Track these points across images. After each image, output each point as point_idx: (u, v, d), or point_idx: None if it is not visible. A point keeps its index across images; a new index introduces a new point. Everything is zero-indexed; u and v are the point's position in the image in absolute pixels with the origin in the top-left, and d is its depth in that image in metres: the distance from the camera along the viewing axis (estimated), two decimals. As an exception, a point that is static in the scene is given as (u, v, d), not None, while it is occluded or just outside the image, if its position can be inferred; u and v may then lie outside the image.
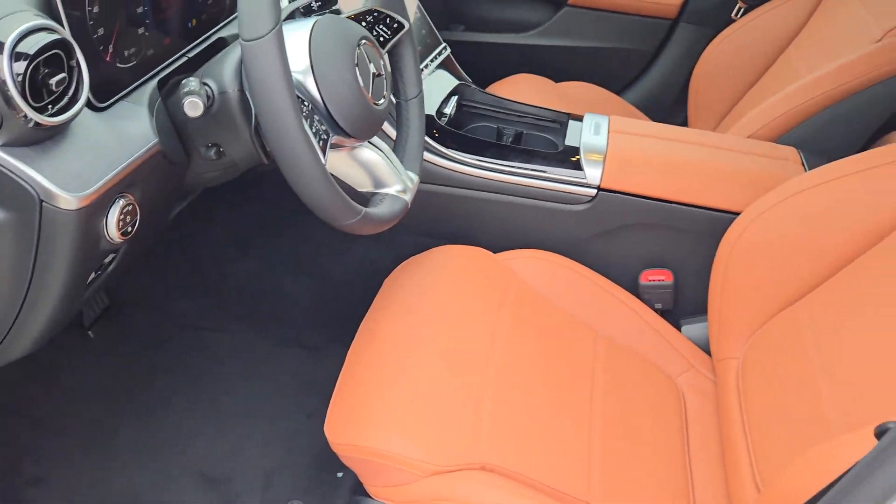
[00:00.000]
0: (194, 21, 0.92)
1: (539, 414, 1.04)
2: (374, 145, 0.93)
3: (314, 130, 0.77)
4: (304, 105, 0.78)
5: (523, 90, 1.76)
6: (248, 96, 0.79)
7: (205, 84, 0.82)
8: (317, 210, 0.77)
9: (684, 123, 2.06)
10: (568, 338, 1.19)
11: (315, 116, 0.79)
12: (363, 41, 0.86)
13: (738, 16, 1.92)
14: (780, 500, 0.81)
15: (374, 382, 1.02)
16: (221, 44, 0.96)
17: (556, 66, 2.05)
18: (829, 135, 1.33)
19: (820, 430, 0.88)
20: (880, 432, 0.65)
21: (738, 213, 1.19)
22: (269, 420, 1.33)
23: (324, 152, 0.77)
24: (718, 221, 1.23)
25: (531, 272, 1.29)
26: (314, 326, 1.50)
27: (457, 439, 0.96)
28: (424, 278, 1.21)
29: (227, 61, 0.83)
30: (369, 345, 1.10)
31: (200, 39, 0.93)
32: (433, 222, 1.34)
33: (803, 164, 1.26)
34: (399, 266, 1.29)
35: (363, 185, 0.94)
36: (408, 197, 0.96)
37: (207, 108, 0.81)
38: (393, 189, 0.95)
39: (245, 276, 1.51)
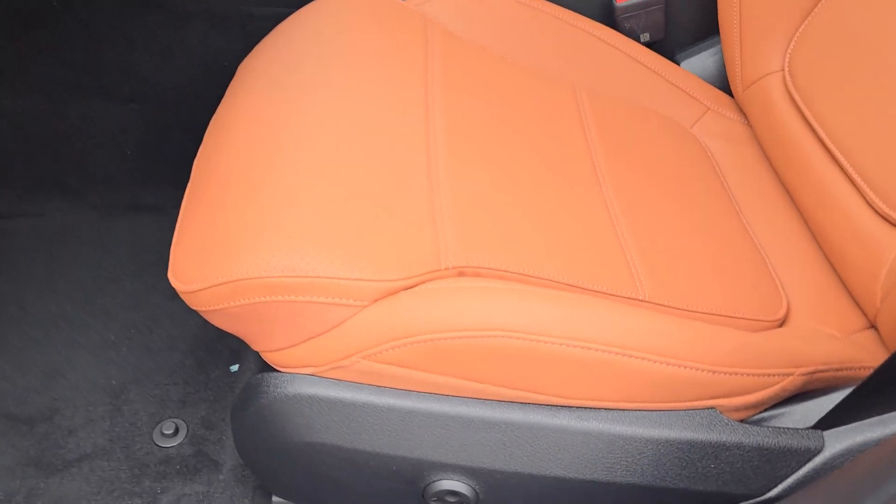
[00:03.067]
0: None
1: (532, 195, 0.64)
2: None
3: None
4: None
5: None
6: None
7: None
8: None
9: None
10: (532, 94, 0.78)
11: None
12: None
13: None
14: None
15: (248, 183, 0.58)
16: None
17: None
18: None
19: None
20: None
21: None
22: (106, 314, 0.86)
23: None
24: None
25: (457, 17, 0.86)
26: (151, 178, 1.01)
27: (407, 242, 0.55)
28: (302, 40, 0.76)
29: None
30: (231, 132, 0.65)
31: None
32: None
33: None
34: (260, 43, 0.83)
35: None
36: None
37: None
38: None
39: (30, 112, 0.99)
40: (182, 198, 0.99)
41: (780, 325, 0.67)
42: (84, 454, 0.72)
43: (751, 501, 0.57)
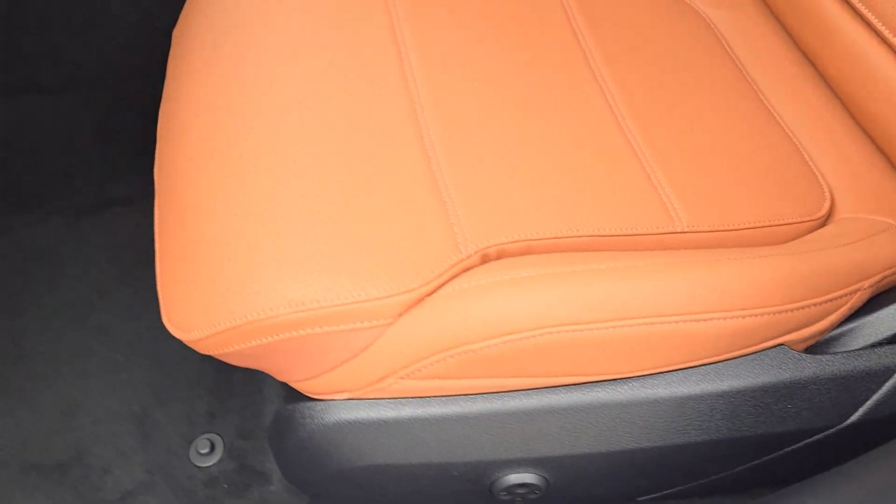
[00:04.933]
0: None
1: (539, 138, 0.56)
2: None
3: None
4: None
5: None
6: None
7: None
8: None
9: None
10: (507, 6, 0.68)
11: None
12: None
13: None
14: None
15: (224, 204, 0.51)
16: None
17: None
18: None
19: None
20: None
21: None
22: (105, 333, 0.80)
23: None
24: None
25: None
26: (110, 169, 0.92)
27: (419, 236, 0.48)
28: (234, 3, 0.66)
29: None
30: (186, 132, 0.56)
31: None
32: None
33: None
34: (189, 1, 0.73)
35: None
36: None
37: None
38: None
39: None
40: (143, 182, 0.90)
41: (825, 222, 0.62)
42: (126, 491, 0.69)
43: (828, 432, 0.54)
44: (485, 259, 0.50)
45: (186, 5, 0.74)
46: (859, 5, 0.63)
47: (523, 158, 0.55)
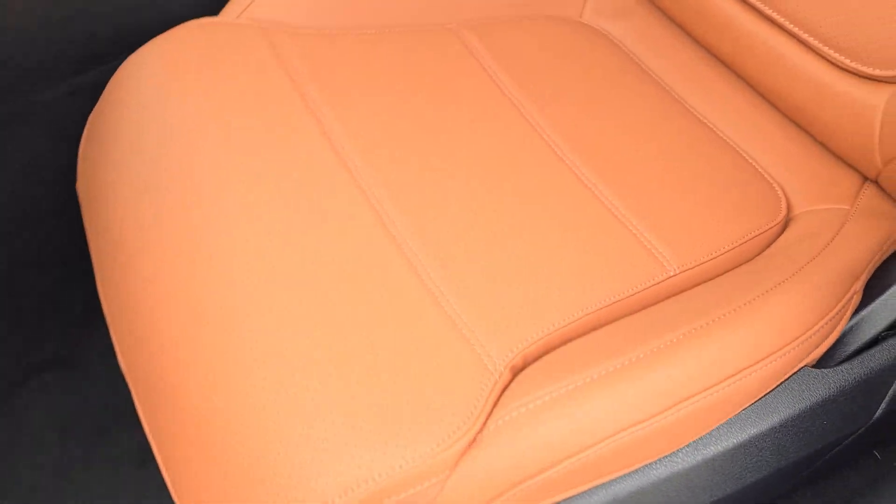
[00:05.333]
0: None
1: (517, 224, 0.55)
2: None
3: None
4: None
5: None
6: None
7: None
8: None
9: None
10: (430, 77, 0.67)
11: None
12: None
13: None
14: None
15: (230, 388, 0.46)
16: None
17: None
18: None
19: None
20: None
21: None
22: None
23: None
24: None
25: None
26: (31, 334, 0.83)
27: (450, 371, 0.46)
28: (141, 131, 0.61)
29: None
30: (151, 315, 0.51)
31: None
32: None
33: None
34: (83, 150, 0.67)
35: None
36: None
37: None
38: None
39: None
40: (67, 338, 0.82)
41: (787, 224, 0.64)
42: None
43: (858, 432, 0.56)
44: (514, 370, 0.48)
45: (81, 153, 0.67)
46: (762, 7, 0.64)
47: (508, 247, 0.54)
